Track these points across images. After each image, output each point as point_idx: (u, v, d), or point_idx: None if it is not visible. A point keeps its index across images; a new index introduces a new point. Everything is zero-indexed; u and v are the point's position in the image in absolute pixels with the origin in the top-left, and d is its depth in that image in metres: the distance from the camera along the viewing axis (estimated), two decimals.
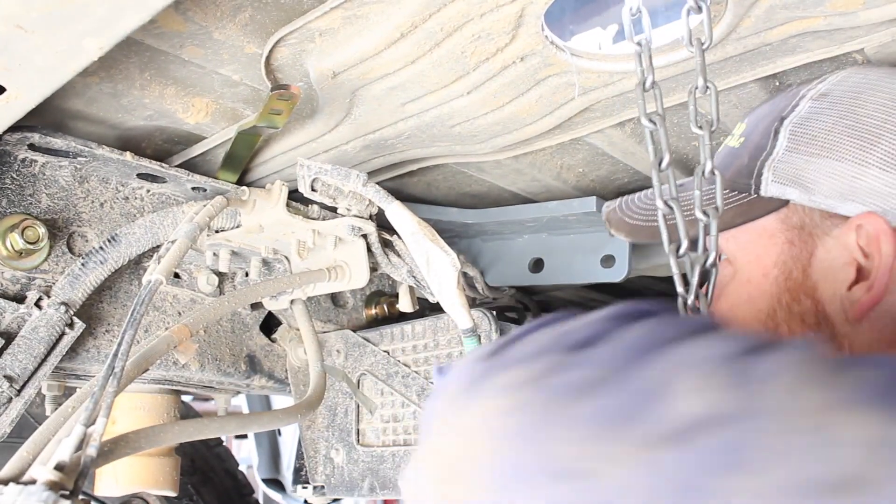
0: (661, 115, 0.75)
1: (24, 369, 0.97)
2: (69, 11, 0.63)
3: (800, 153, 0.82)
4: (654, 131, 0.75)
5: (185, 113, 1.03)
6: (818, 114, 0.83)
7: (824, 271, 0.81)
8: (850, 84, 0.84)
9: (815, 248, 0.82)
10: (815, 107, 0.83)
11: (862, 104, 0.81)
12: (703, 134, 0.75)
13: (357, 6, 0.79)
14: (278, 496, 3.17)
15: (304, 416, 1.04)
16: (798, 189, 0.81)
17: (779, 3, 0.79)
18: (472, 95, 0.98)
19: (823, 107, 0.83)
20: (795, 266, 0.83)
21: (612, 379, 0.47)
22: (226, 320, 1.29)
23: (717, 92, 0.76)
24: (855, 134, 0.79)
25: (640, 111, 0.75)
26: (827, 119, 0.82)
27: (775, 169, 0.83)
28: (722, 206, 0.75)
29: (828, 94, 0.84)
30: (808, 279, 0.82)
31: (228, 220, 1.15)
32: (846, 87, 0.84)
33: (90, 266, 1.05)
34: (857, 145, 0.78)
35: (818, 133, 0.81)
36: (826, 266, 0.81)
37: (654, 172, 0.75)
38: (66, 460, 0.67)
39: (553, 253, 1.41)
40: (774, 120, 0.86)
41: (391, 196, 1.05)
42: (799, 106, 0.85)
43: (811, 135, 0.82)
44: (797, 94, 0.87)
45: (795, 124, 0.84)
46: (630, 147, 1.21)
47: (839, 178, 0.79)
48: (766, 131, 0.86)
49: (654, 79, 0.76)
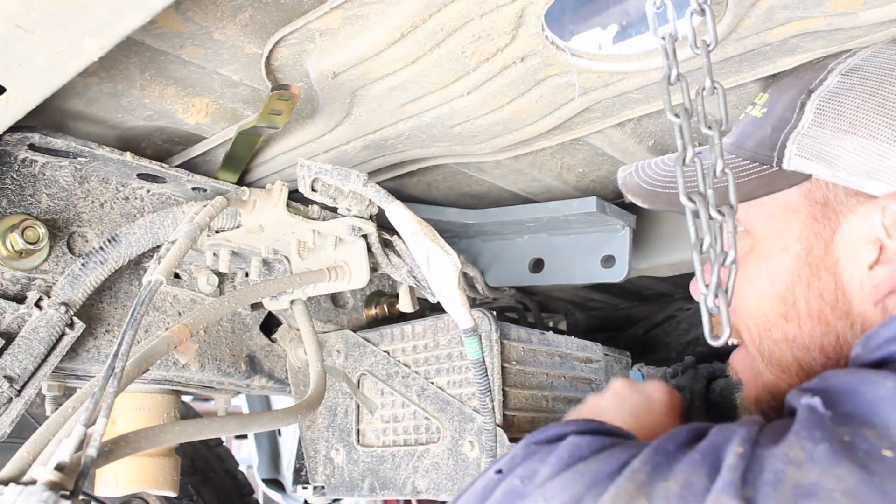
0: (688, 109, 0.73)
1: (25, 369, 0.97)
2: (69, 11, 0.63)
3: (826, 128, 0.81)
4: (680, 125, 0.73)
5: (185, 113, 1.03)
6: (847, 89, 0.82)
7: (846, 248, 0.80)
8: (881, 60, 0.83)
9: (838, 224, 0.81)
10: (845, 82, 0.83)
11: (892, 82, 0.80)
12: (713, 134, 0.74)
13: (357, 6, 0.79)
14: (278, 496, 3.16)
15: (305, 416, 1.04)
16: (823, 164, 0.80)
17: (779, 4, 0.79)
18: (472, 95, 0.98)
19: (853, 82, 0.82)
20: (818, 242, 0.83)
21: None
22: (226, 320, 1.29)
23: (724, 92, 0.75)
24: (884, 112, 0.78)
25: (665, 105, 0.74)
26: (856, 95, 0.81)
27: (800, 143, 0.82)
28: (737, 205, 0.73)
29: (858, 70, 0.83)
30: (829, 255, 0.82)
31: (228, 220, 1.15)
32: (877, 62, 0.83)
33: (90, 266, 1.05)
34: (885, 123, 0.78)
35: (846, 109, 0.80)
36: (849, 243, 0.80)
37: (679, 168, 0.73)
38: (66, 460, 0.67)
39: (553, 253, 1.41)
40: (801, 92, 0.85)
41: (391, 196, 1.05)
42: (827, 80, 0.84)
43: (839, 110, 0.81)
44: (825, 66, 0.86)
45: (823, 98, 0.83)
46: (630, 147, 1.21)
47: (866, 155, 0.78)
48: (792, 104, 0.85)
49: (678, 71, 0.74)
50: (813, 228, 0.83)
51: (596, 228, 1.36)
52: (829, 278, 0.82)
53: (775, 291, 0.85)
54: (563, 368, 1.32)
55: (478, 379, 1.00)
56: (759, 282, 0.85)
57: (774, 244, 0.86)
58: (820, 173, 0.81)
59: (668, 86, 0.74)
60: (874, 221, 0.78)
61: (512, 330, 1.24)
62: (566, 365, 1.33)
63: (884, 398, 0.59)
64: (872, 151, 0.78)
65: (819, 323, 0.82)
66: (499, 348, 1.19)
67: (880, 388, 0.60)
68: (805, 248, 0.83)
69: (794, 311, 0.84)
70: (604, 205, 1.26)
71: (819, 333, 0.82)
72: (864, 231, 0.79)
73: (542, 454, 0.69)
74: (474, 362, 0.98)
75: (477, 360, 0.98)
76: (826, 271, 0.82)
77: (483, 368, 0.99)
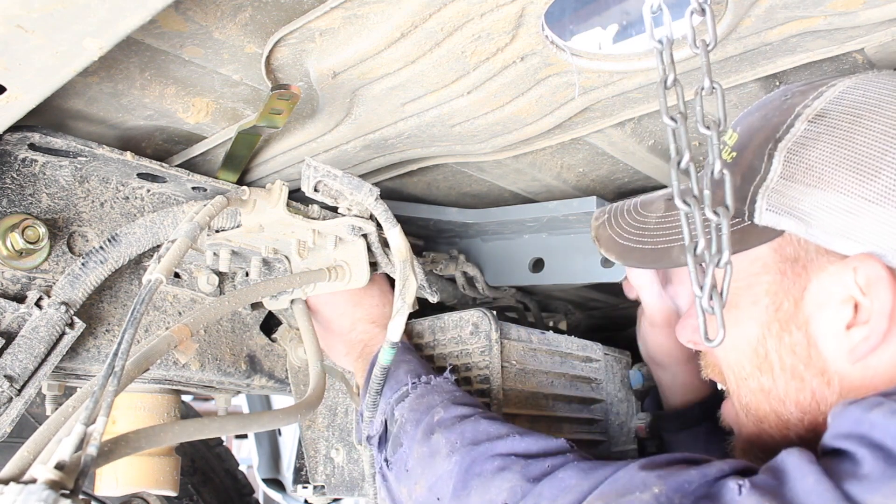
0: (683, 113, 0.72)
1: (25, 369, 0.97)
2: (70, 11, 0.63)
3: (796, 181, 0.78)
4: (675, 129, 0.72)
5: (185, 113, 1.03)
6: (814, 139, 0.78)
7: (817, 307, 0.78)
8: (848, 103, 0.79)
9: (808, 282, 0.79)
10: (812, 129, 0.79)
11: (861, 131, 0.76)
12: (711, 134, 0.74)
13: (357, 6, 0.79)
14: (278, 496, 3.16)
15: (305, 415, 1.04)
16: (794, 220, 0.77)
17: (779, 3, 0.79)
18: (472, 95, 0.98)
19: (820, 130, 0.78)
20: (787, 298, 0.81)
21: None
22: (226, 320, 1.29)
23: (723, 91, 0.74)
24: (853, 166, 0.75)
25: (661, 109, 0.73)
26: (824, 146, 0.77)
27: (769, 198, 0.79)
28: (732, 206, 0.72)
29: (825, 115, 0.79)
30: (800, 312, 0.80)
31: (228, 219, 1.15)
32: (844, 106, 0.79)
33: (90, 266, 1.05)
34: (855, 178, 0.74)
35: (815, 163, 0.77)
36: (821, 301, 0.78)
37: (674, 170, 0.72)
38: (66, 460, 0.67)
39: (553, 253, 1.41)
40: (769, 140, 0.82)
41: (395, 220, 1.07)
42: (794, 127, 0.80)
43: (808, 164, 0.77)
44: (791, 110, 0.82)
45: (790, 150, 0.79)
46: (630, 147, 1.21)
47: (837, 212, 0.75)
48: (760, 152, 0.82)
49: (675, 76, 0.73)
50: (782, 284, 0.81)
51: None
52: (800, 335, 0.80)
53: (747, 342, 0.84)
54: (563, 368, 1.32)
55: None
56: (730, 330, 0.82)
57: (743, 296, 0.84)
58: (793, 229, 0.78)
59: (665, 89, 0.74)
60: (847, 280, 0.75)
61: (512, 329, 1.24)
62: (566, 364, 1.33)
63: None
64: (844, 208, 0.74)
65: (793, 378, 0.81)
66: (499, 348, 1.19)
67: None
68: (774, 304, 0.82)
69: (767, 363, 0.83)
70: (604, 204, 1.26)
71: (794, 389, 0.81)
72: (837, 290, 0.76)
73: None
74: (382, 368, 1.08)
75: (385, 366, 1.07)
76: (797, 328, 0.80)
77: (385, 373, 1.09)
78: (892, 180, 0.72)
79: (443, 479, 0.90)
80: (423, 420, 0.99)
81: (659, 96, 0.74)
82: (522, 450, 0.87)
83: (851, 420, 0.66)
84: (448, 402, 1.01)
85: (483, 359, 1.18)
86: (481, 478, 0.86)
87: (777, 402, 0.83)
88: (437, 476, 0.91)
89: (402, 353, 1.12)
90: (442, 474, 0.91)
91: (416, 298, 1.37)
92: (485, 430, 0.92)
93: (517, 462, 0.85)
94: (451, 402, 1.01)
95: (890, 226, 0.72)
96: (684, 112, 0.73)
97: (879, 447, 0.62)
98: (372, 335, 1.22)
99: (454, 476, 0.89)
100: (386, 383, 1.09)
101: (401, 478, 1.00)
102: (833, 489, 0.60)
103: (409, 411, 1.03)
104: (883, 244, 0.73)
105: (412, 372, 1.09)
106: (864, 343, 0.75)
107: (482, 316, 1.20)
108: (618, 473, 0.75)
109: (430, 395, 1.04)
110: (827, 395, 0.79)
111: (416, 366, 1.12)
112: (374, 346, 1.20)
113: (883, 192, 0.73)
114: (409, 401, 1.04)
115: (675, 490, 0.68)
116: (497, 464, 0.86)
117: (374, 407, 1.09)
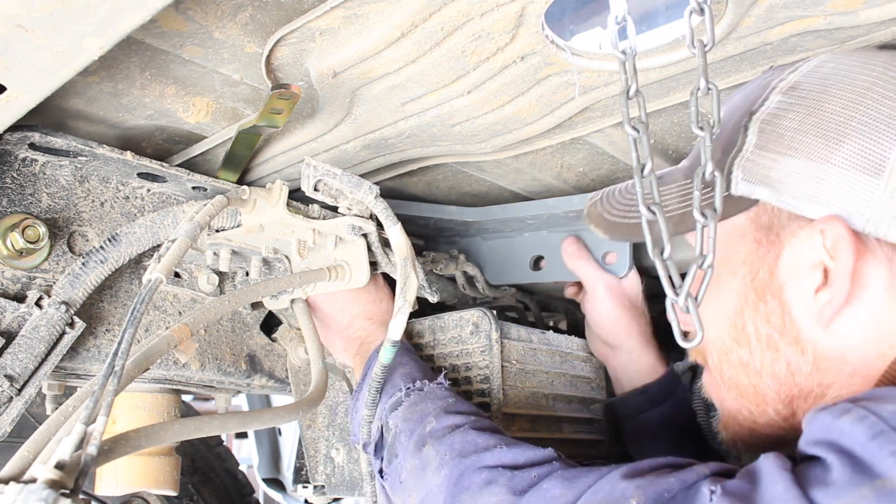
0: (645, 123, 0.75)
1: (25, 368, 0.97)
2: (70, 11, 0.63)
3: (768, 151, 0.80)
4: (638, 138, 0.75)
5: (185, 112, 1.03)
6: (786, 109, 0.81)
7: (790, 273, 0.80)
8: (820, 75, 0.82)
9: (781, 248, 0.81)
10: (784, 101, 0.82)
11: (829, 100, 0.78)
12: (705, 135, 0.74)
13: (357, 5, 0.79)
14: (279, 496, 3.17)
15: (306, 413, 1.04)
16: (767, 189, 0.79)
17: (779, 3, 0.79)
18: (472, 95, 0.98)
19: (792, 101, 0.81)
20: (762, 266, 0.82)
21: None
22: (226, 320, 1.29)
23: (718, 93, 0.75)
24: (820, 133, 0.77)
25: (623, 119, 0.75)
26: (794, 116, 0.80)
27: (744, 168, 0.81)
28: (721, 209, 0.74)
29: (797, 87, 0.82)
30: (774, 280, 0.81)
31: (229, 219, 1.15)
32: (816, 79, 0.81)
33: (91, 265, 1.05)
34: (822, 145, 0.76)
35: (785, 131, 0.79)
36: (793, 268, 0.80)
37: (637, 178, 0.75)
38: (66, 459, 0.67)
39: (554, 250, 1.41)
40: (745, 114, 0.84)
41: (396, 217, 1.07)
42: (769, 100, 0.83)
43: (778, 133, 0.80)
44: (768, 84, 0.85)
45: (764, 121, 0.82)
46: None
47: (804, 178, 0.77)
48: (737, 125, 0.84)
49: (637, 87, 0.75)
50: (757, 253, 0.83)
51: None
52: (774, 303, 0.81)
53: (726, 314, 0.86)
54: (563, 367, 1.32)
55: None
56: (711, 304, 0.86)
57: (723, 268, 0.86)
58: (765, 197, 0.80)
59: (627, 100, 0.75)
60: (815, 244, 0.77)
61: (512, 329, 1.24)
62: (567, 364, 1.33)
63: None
64: (811, 174, 0.76)
65: (769, 348, 0.82)
66: (499, 347, 1.19)
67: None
68: (750, 273, 0.83)
69: (745, 335, 0.84)
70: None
71: (769, 360, 0.82)
72: (808, 255, 0.78)
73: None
74: (383, 367, 1.07)
75: (385, 365, 1.07)
76: (772, 296, 0.81)
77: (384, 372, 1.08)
78: (857, 145, 0.75)
79: (433, 493, 0.92)
80: (416, 431, 1.00)
81: (621, 106, 0.76)
82: (510, 461, 0.88)
83: (822, 426, 0.67)
84: (440, 410, 1.01)
85: (483, 358, 1.18)
86: (469, 491, 0.87)
87: (755, 374, 0.84)
88: (428, 489, 0.92)
89: (400, 355, 1.13)
90: (432, 488, 0.92)
91: (416, 298, 1.37)
92: (473, 441, 0.93)
93: (503, 474, 0.86)
94: (444, 410, 1.01)
95: (854, 189, 0.74)
96: (646, 122, 0.75)
97: (848, 454, 0.62)
98: (368, 332, 1.23)
99: (443, 490, 0.90)
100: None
101: (395, 489, 1.01)
102: (800, 497, 0.61)
103: (403, 421, 1.03)
104: (847, 206, 0.75)
105: (407, 376, 1.10)
106: (829, 306, 0.76)
107: (482, 315, 1.20)
108: (600, 483, 0.76)
109: (423, 402, 1.04)
110: (801, 365, 0.80)
111: (411, 369, 1.12)
112: (370, 343, 1.20)
113: (847, 156, 0.75)
114: (403, 409, 1.05)
115: (654, 500, 0.69)
116: (485, 476, 0.87)
117: (373, 405, 1.09)
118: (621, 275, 1.32)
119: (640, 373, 1.29)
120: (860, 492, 0.59)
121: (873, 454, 0.60)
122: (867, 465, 0.60)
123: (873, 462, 0.60)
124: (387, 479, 1.04)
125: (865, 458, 0.61)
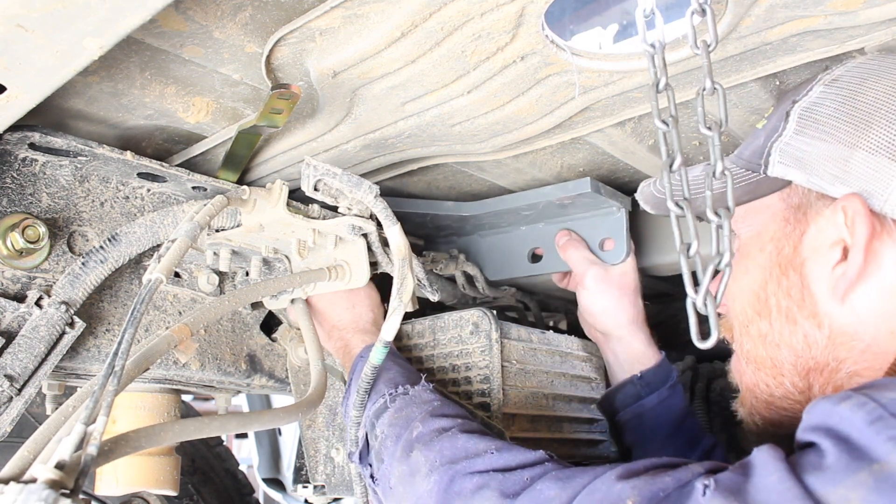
0: (674, 116, 0.76)
1: (25, 368, 0.97)
2: (70, 11, 0.63)
3: (804, 136, 0.85)
4: (668, 132, 0.76)
5: (185, 112, 1.03)
6: (825, 98, 0.86)
7: (813, 250, 0.84)
8: (860, 70, 0.87)
9: (807, 226, 0.85)
10: (825, 91, 0.87)
11: (865, 90, 0.83)
12: (713, 135, 0.75)
13: (357, 5, 0.79)
14: (279, 496, 3.16)
15: (306, 413, 1.04)
16: (799, 170, 0.85)
17: (779, 3, 0.79)
18: (472, 95, 0.98)
19: (831, 91, 0.86)
20: (787, 242, 0.87)
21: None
22: (226, 320, 1.29)
23: (724, 92, 0.76)
24: (851, 119, 0.82)
25: (653, 112, 0.75)
26: (831, 103, 0.85)
27: (782, 150, 0.87)
28: (734, 208, 0.75)
29: (838, 79, 0.87)
30: (797, 255, 0.86)
31: (229, 219, 1.15)
32: (856, 73, 0.86)
33: (90, 265, 1.05)
34: (851, 130, 0.81)
35: (821, 117, 0.85)
36: (815, 245, 0.84)
37: (666, 174, 0.75)
38: (66, 459, 0.67)
39: (551, 242, 1.41)
40: (790, 103, 0.90)
41: (395, 218, 1.07)
42: (812, 90, 0.88)
43: (815, 119, 0.85)
44: (815, 78, 0.91)
45: (804, 108, 0.87)
46: (630, 146, 1.21)
47: (833, 160, 0.82)
48: (781, 114, 0.90)
49: (667, 80, 0.76)
50: (785, 230, 0.88)
51: (592, 213, 1.36)
52: (795, 277, 0.85)
53: (751, 288, 0.90)
54: (563, 367, 1.32)
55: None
56: (741, 279, 0.91)
57: (753, 244, 0.91)
58: (797, 178, 0.85)
59: (657, 93, 0.76)
60: (838, 222, 0.81)
61: (512, 329, 1.24)
62: (567, 364, 1.34)
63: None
64: (838, 156, 0.81)
65: (788, 321, 0.86)
66: (499, 347, 1.19)
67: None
68: (776, 248, 0.88)
69: (766, 307, 0.88)
70: (598, 185, 1.26)
71: (788, 332, 0.86)
72: (830, 232, 0.82)
73: None
74: (373, 367, 1.07)
75: (376, 365, 1.07)
76: (794, 270, 0.86)
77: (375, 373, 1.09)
78: (884, 132, 0.79)
79: (423, 499, 0.92)
80: (403, 436, 1.00)
81: (650, 100, 0.75)
82: (501, 465, 0.88)
83: (821, 413, 0.67)
84: (427, 414, 1.01)
85: (483, 358, 1.18)
86: (461, 497, 0.87)
87: (773, 346, 0.88)
88: (418, 496, 0.92)
89: (385, 359, 1.12)
90: (422, 494, 0.92)
91: (416, 298, 1.37)
92: (462, 446, 0.93)
93: (495, 478, 0.86)
94: (430, 414, 1.01)
95: (876, 171, 0.78)
96: (675, 115, 0.75)
97: (845, 439, 0.63)
98: (351, 336, 1.24)
99: (434, 496, 0.90)
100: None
101: (386, 494, 1.01)
102: (795, 485, 0.61)
103: (389, 426, 1.03)
104: (868, 187, 0.79)
105: (390, 382, 1.10)
106: (844, 278, 0.79)
107: (482, 315, 1.20)
108: (595, 483, 0.76)
109: (408, 407, 1.04)
110: (818, 338, 0.83)
111: (395, 374, 1.12)
112: (353, 348, 1.22)
113: (875, 141, 0.80)
114: (388, 415, 1.05)
115: (650, 500, 0.69)
116: (476, 481, 0.87)
117: (361, 406, 1.09)
118: (618, 261, 1.32)
119: (631, 360, 1.32)
120: (858, 477, 0.59)
121: (871, 439, 0.60)
122: (864, 449, 0.60)
123: (871, 447, 0.60)
124: (378, 484, 1.04)
125: (863, 442, 0.61)
